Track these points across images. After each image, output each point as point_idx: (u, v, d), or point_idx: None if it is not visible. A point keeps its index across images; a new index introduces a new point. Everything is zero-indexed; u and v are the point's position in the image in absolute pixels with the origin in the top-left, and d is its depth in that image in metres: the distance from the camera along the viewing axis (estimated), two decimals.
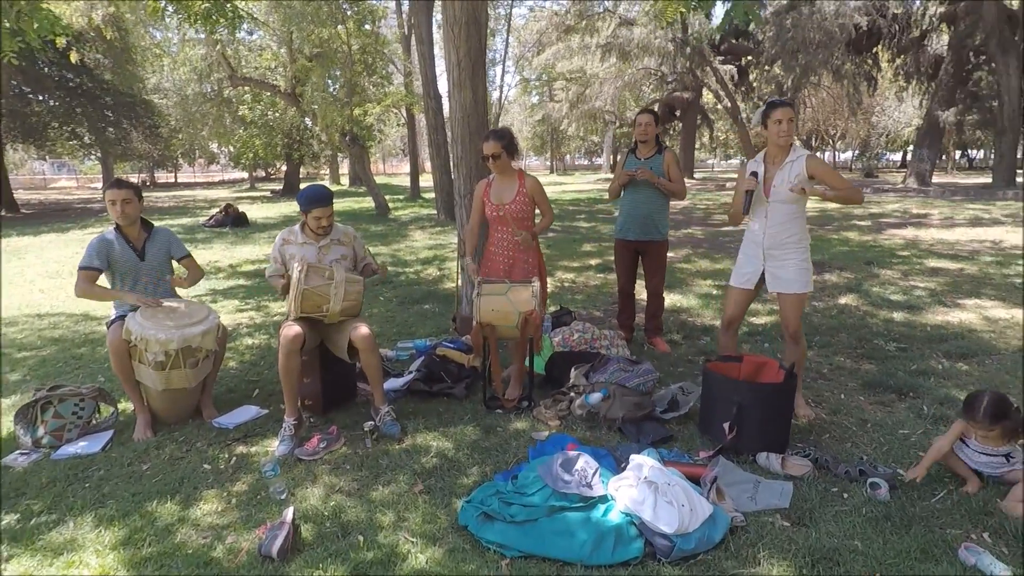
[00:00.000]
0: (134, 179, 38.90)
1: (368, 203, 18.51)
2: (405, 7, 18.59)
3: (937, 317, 5.22)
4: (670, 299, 5.85)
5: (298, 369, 3.08)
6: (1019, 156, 23.42)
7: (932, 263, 7.63)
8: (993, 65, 19.77)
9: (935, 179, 23.32)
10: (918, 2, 22.06)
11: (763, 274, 3.26)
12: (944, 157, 36.78)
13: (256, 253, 9.81)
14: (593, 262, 8.16)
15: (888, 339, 4.64)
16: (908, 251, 8.57)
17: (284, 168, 27.20)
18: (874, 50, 24.04)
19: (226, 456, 2.97)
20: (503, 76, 26.70)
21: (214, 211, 14.77)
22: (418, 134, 31.45)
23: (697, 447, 2.97)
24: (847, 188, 3.03)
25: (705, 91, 28.20)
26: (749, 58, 26.14)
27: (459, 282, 5.16)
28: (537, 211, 3.71)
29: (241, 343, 4.89)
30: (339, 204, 19.60)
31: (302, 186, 4.03)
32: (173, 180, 44.44)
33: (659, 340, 4.60)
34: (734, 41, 25.80)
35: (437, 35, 21.90)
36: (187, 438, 3.18)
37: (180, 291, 3.60)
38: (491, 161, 3.52)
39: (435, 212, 14.46)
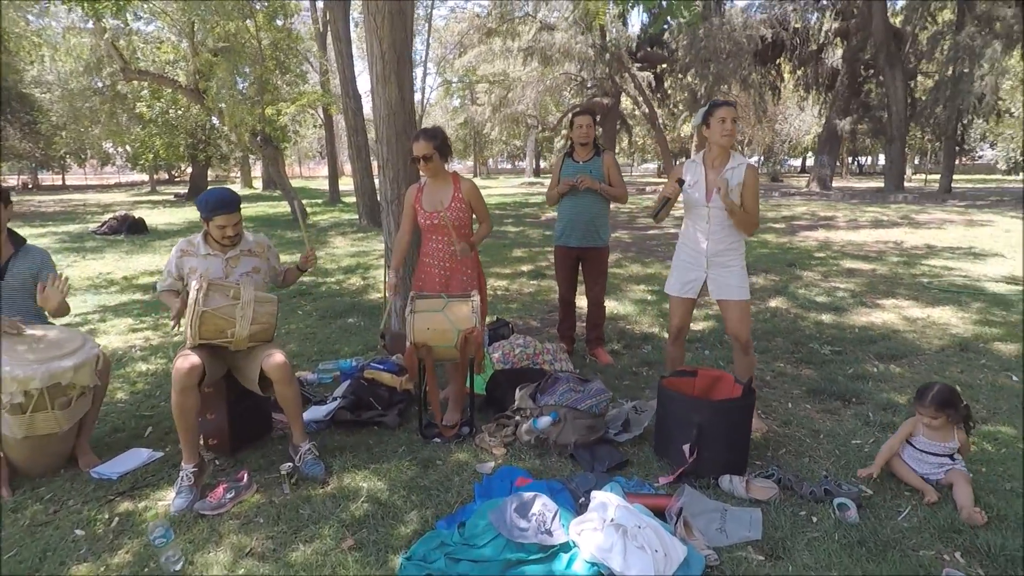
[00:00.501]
0: (12, 181, 35.12)
1: (283, 208, 17.53)
2: (320, 3, 17.76)
3: (862, 318, 5.34)
4: (606, 306, 5.69)
5: (196, 407, 2.60)
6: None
7: (847, 264, 7.94)
8: (881, 78, 21.37)
9: (834, 183, 24.92)
10: (814, 17, 23.49)
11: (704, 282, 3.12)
12: (839, 163, 39.57)
13: (155, 263, 8.89)
14: (525, 268, 7.93)
15: (822, 342, 4.66)
16: (823, 252, 8.92)
17: (189, 170, 25.36)
18: (777, 61, 25.41)
19: (106, 517, 2.45)
20: (424, 78, 26.18)
21: (107, 217, 13.43)
22: (337, 136, 30.35)
23: (655, 471, 2.75)
24: (752, 216, 2.97)
25: (624, 97, 28.86)
26: (664, 66, 26.97)
27: (386, 293, 4.75)
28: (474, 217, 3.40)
29: (133, 369, 4.27)
30: (252, 209, 18.52)
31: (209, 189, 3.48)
32: (60, 183, 40.59)
33: (601, 351, 4.40)
34: (649, 49, 26.58)
35: (355, 34, 21.14)
36: (56, 495, 2.62)
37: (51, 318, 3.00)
38: (422, 163, 3.17)
39: (357, 217, 13.83)
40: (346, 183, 26.07)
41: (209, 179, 26.05)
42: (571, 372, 3.11)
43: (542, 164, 50.11)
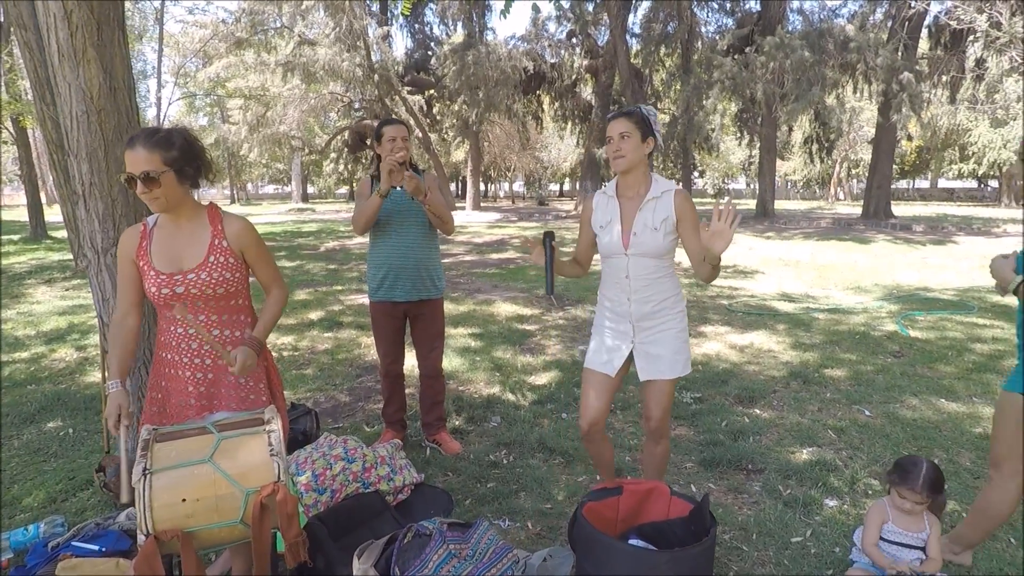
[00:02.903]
0: None
1: None
2: None
3: (696, 350, 5.10)
4: None
5: None
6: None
7: None
8: None
9: None
10: (565, 54, 25.52)
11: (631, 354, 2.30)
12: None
13: None
14: (313, 316, 6.45)
15: (679, 387, 4.20)
16: None
17: None
18: (538, 92, 27.04)
19: None
20: (160, 89, 22.08)
21: None
22: (40, 154, 24.32)
23: None
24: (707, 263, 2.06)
25: None
26: (432, 92, 26.93)
27: (108, 415, 3.07)
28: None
29: None
30: None
31: None
32: None
33: (445, 436, 3.33)
34: (416, 74, 26.33)
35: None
36: None
37: None
38: (138, 188, 1.77)
39: (71, 258, 10.64)
40: (57, 213, 20.84)
41: None
42: (441, 521, 1.98)
43: (310, 189, 46.71)
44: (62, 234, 14.71)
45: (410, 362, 3.48)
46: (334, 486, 2.47)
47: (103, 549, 2.06)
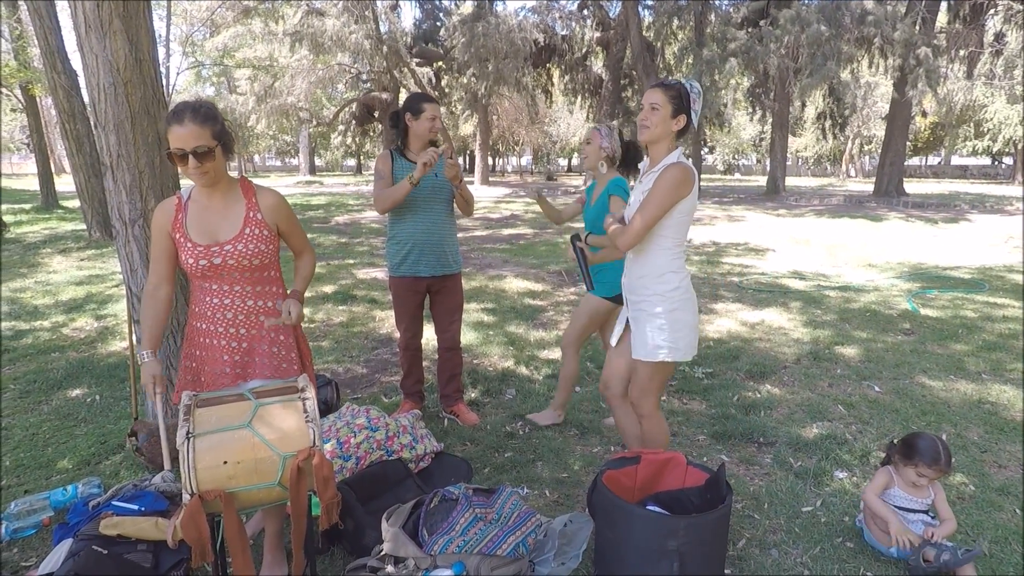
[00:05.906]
0: None
1: None
2: None
3: (708, 327, 5.14)
4: None
5: None
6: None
7: None
8: (638, 86, 23.58)
9: None
10: (576, 26, 25.09)
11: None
12: None
13: None
14: (328, 289, 6.52)
15: (691, 363, 4.26)
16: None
17: None
18: (548, 66, 26.67)
19: None
20: (168, 58, 21.94)
21: None
22: (49, 123, 24.33)
23: None
24: (617, 235, 2.16)
25: (403, 93, 27.87)
26: (440, 64, 26.61)
27: (136, 340, 3.15)
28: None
29: None
30: None
31: None
32: None
33: (463, 407, 3.40)
34: (425, 45, 26.01)
35: None
36: None
37: None
38: (191, 164, 1.82)
39: (84, 227, 10.72)
40: (67, 183, 20.92)
41: None
42: (467, 486, 2.06)
43: (317, 162, 46.61)
44: (73, 203, 14.80)
45: (425, 335, 3.53)
46: (358, 453, 2.55)
47: (142, 509, 2.15)
